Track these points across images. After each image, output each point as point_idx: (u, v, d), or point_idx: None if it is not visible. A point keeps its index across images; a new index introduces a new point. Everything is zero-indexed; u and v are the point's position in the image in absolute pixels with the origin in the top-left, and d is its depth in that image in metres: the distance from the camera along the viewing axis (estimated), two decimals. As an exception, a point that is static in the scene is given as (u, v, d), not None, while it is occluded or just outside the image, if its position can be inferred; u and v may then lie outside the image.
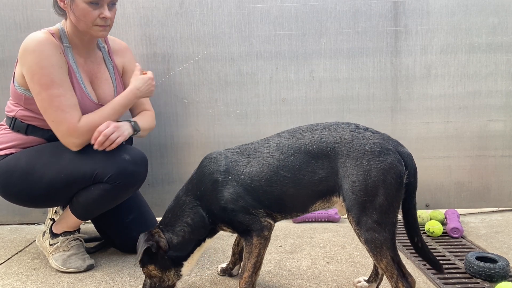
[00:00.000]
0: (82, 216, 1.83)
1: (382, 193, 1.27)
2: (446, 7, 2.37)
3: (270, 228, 1.44)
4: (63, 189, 1.74)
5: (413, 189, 1.35)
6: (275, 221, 1.47)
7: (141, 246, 1.43)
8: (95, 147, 1.70)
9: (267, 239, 1.44)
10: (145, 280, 1.54)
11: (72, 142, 1.70)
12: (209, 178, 1.45)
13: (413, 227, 1.38)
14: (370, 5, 2.37)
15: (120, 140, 1.73)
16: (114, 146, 1.72)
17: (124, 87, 1.96)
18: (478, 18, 2.38)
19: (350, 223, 1.33)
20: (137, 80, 1.86)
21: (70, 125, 1.68)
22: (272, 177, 1.38)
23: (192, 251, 1.50)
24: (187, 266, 1.52)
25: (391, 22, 2.39)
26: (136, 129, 1.85)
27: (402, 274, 1.30)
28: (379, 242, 1.28)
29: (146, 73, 1.91)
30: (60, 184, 1.72)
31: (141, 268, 1.52)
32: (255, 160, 1.42)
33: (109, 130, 1.69)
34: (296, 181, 1.37)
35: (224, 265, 1.76)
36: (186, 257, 1.50)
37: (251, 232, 1.43)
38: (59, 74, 1.68)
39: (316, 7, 2.37)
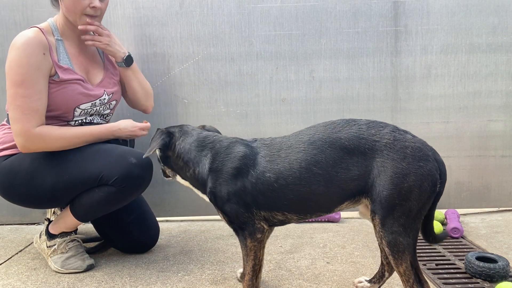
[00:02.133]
0: (82, 217, 1.83)
1: (415, 198, 1.24)
2: (446, 7, 2.38)
3: (263, 231, 1.42)
4: (67, 190, 1.74)
5: (440, 196, 1.32)
6: (275, 221, 1.43)
7: (159, 137, 1.51)
8: (81, 27, 1.78)
9: (260, 242, 1.42)
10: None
11: (20, 143, 1.68)
12: (232, 160, 1.40)
13: (428, 230, 1.38)
14: (370, 5, 2.37)
15: (104, 46, 1.86)
16: (97, 45, 1.84)
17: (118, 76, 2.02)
18: (478, 18, 2.38)
19: (374, 224, 1.29)
20: (127, 122, 1.85)
21: (24, 127, 1.66)
22: (303, 174, 1.31)
23: (183, 178, 1.57)
24: (179, 180, 1.60)
25: (391, 22, 2.39)
26: (128, 61, 1.94)
27: (419, 279, 1.29)
28: (402, 247, 1.25)
29: (146, 123, 1.92)
30: (65, 185, 1.72)
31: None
32: (285, 155, 1.35)
33: (105, 33, 1.83)
34: (328, 178, 1.30)
35: (242, 270, 1.66)
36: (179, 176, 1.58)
37: (244, 233, 1.41)
38: (32, 75, 1.67)
39: (316, 7, 2.37)
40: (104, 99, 1.90)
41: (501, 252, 1.93)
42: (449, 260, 1.85)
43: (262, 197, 1.37)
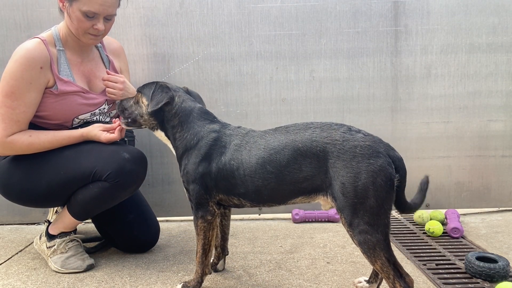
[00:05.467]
0: (79, 215, 1.82)
1: (372, 195, 1.27)
2: (446, 7, 2.38)
3: (213, 215, 1.53)
4: (63, 187, 1.74)
5: (403, 189, 1.36)
6: (231, 203, 1.53)
7: (164, 93, 1.55)
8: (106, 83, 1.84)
9: (210, 223, 1.54)
10: (129, 99, 1.67)
11: None
12: (210, 145, 1.51)
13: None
14: (370, 5, 2.37)
15: (122, 94, 1.83)
16: (113, 98, 1.85)
17: None
18: (478, 18, 2.38)
19: (343, 224, 1.34)
20: (94, 128, 1.79)
21: (1, 135, 1.70)
22: (258, 169, 1.41)
23: (166, 135, 1.63)
24: (159, 134, 1.65)
25: (391, 22, 2.39)
26: None
27: (399, 274, 1.30)
28: (372, 244, 1.28)
29: (115, 122, 1.80)
30: (60, 182, 1.73)
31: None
32: (249, 149, 1.45)
33: (119, 86, 1.83)
34: (280, 177, 1.39)
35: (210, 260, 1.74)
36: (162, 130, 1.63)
37: (198, 214, 1.53)
38: (23, 88, 1.69)
39: (316, 7, 2.37)
40: (104, 108, 1.91)
41: (501, 252, 1.93)
42: (449, 260, 1.85)
43: (224, 182, 1.48)
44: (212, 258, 1.77)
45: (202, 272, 1.58)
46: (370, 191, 1.27)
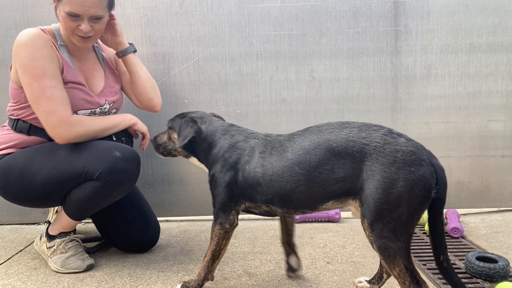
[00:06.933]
0: (74, 215, 1.82)
1: (404, 204, 1.20)
2: (446, 7, 2.38)
3: (232, 224, 1.51)
4: (57, 187, 1.73)
5: (441, 204, 1.28)
6: (262, 210, 1.49)
7: (189, 126, 1.60)
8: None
9: (226, 233, 1.51)
10: (162, 135, 1.74)
11: (60, 133, 1.69)
12: (236, 154, 1.51)
13: (439, 245, 1.30)
14: (370, 5, 2.37)
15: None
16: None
17: (120, 78, 2.03)
18: (479, 18, 2.38)
19: (364, 228, 1.28)
20: (131, 116, 1.94)
21: (62, 117, 1.68)
22: (285, 172, 1.37)
23: (199, 160, 1.66)
24: (193, 160, 1.69)
25: (391, 22, 2.39)
26: (133, 46, 1.98)
27: (416, 281, 1.27)
28: (393, 252, 1.23)
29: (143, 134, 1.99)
30: (54, 182, 1.71)
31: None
32: (275, 153, 1.42)
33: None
34: (310, 178, 1.33)
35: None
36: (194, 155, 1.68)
37: (217, 220, 1.51)
38: (50, 66, 1.68)
39: (316, 7, 2.37)
40: (105, 108, 1.90)
41: (501, 252, 1.93)
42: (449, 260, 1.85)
43: (250, 190, 1.46)
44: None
45: (204, 277, 1.55)
46: (403, 200, 1.20)
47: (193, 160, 1.69)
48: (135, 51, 1.98)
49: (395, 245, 1.23)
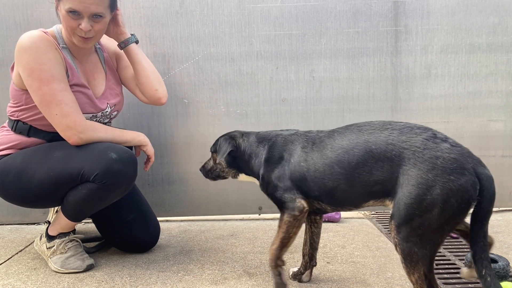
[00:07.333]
0: (72, 216, 1.81)
1: (437, 212, 1.15)
2: (446, 7, 2.38)
3: (302, 210, 1.43)
4: (53, 188, 1.72)
5: (484, 215, 1.19)
6: (314, 207, 1.47)
7: (227, 143, 1.65)
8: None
9: (296, 220, 1.44)
10: (208, 162, 1.79)
11: (75, 135, 1.70)
12: (279, 151, 1.53)
13: (480, 259, 1.17)
14: (370, 5, 2.37)
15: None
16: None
17: (120, 77, 2.03)
18: (479, 18, 2.38)
19: (390, 228, 1.25)
20: (144, 136, 1.95)
21: (76, 119, 1.69)
22: (326, 170, 1.36)
23: (247, 174, 1.68)
24: (242, 177, 1.71)
25: (391, 22, 2.39)
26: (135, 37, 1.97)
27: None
28: (416, 258, 1.19)
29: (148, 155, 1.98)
30: (50, 183, 1.71)
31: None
32: (316, 149, 1.43)
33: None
34: (350, 178, 1.32)
35: (296, 269, 1.71)
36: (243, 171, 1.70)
37: (284, 209, 1.46)
38: (57, 69, 1.68)
39: (316, 7, 2.37)
40: (107, 111, 1.91)
41: (501, 252, 1.93)
42: (449, 260, 1.85)
43: (299, 183, 1.44)
44: (298, 268, 1.71)
45: (275, 265, 1.47)
46: (437, 208, 1.14)
47: (242, 177, 1.70)
48: (137, 41, 1.97)
49: (420, 251, 1.19)
